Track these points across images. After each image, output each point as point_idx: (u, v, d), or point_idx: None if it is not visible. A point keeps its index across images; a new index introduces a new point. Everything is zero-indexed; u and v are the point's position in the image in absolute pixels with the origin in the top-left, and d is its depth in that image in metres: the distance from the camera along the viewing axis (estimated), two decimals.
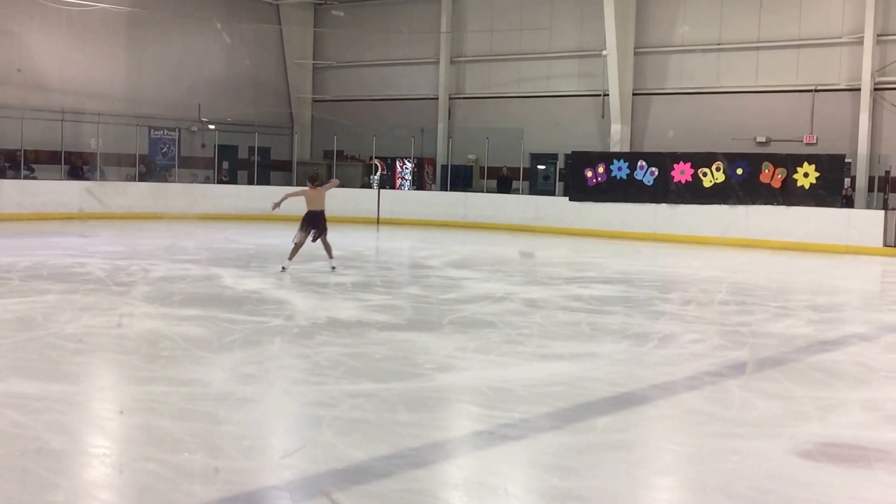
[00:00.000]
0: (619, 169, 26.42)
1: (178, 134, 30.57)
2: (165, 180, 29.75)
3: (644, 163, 26.08)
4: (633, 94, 28.45)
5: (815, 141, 25.60)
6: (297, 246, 15.62)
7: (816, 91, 25.76)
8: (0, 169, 26.42)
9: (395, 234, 25.95)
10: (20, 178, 26.31)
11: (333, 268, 15.76)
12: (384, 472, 5.60)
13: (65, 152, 27.73)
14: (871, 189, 24.61)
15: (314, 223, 15.77)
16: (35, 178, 26.94)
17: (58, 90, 27.96)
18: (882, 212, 23.23)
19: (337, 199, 29.76)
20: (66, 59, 28.49)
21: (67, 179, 27.56)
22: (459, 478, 5.76)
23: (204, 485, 5.28)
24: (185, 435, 6.14)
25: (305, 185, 16.24)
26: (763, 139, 26.35)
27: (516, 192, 29.46)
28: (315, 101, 35.49)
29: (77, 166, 28.27)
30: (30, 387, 7.31)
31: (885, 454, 6.26)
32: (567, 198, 27.55)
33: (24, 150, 26.47)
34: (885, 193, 23.74)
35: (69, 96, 28.16)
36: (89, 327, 10.02)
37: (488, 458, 6.08)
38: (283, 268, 15.42)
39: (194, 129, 31.76)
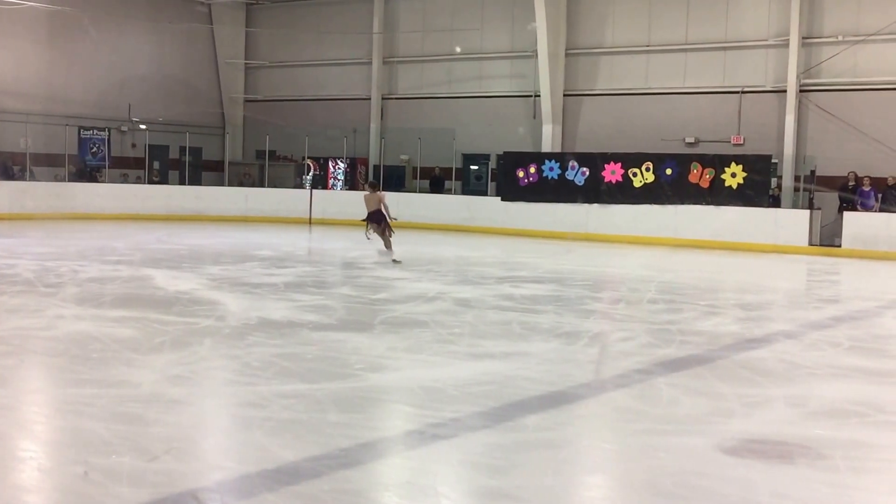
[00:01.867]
0: (551, 169, 26.65)
1: (107, 134, 30.13)
2: (96, 180, 29.33)
3: (575, 163, 26.33)
4: (565, 95, 28.69)
5: (742, 142, 26.05)
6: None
7: (743, 93, 26.22)
8: None
9: (327, 234, 25.89)
10: None
11: (395, 261, 17.53)
12: (315, 472, 5.60)
13: None
14: (796, 189, 25.10)
15: (373, 219, 18.21)
16: None
17: None
18: (807, 211, 23.73)
19: (269, 199, 29.78)
20: None
21: None
22: (391, 478, 5.79)
23: (132, 487, 5.24)
24: (114, 437, 6.09)
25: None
26: (692, 140, 26.75)
27: (449, 192, 29.57)
28: (247, 101, 35.24)
29: (7, 166, 27.74)
30: None
31: (807, 449, 6.41)
32: (499, 198, 27.72)
33: None
34: (810, 193, 24.24)
35: None
36: (17, 329, 9.87)
37: (419, 457, 6.12)
38: (395, 259, 17.57)
39: (124, 128, 31.37)
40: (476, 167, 30.35)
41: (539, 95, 28.59)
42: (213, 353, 9.04)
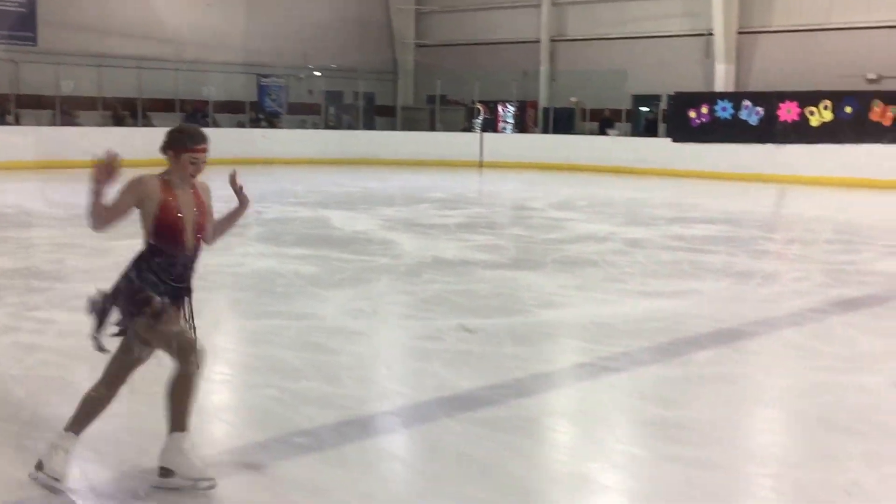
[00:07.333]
0: (724, 109, 26.05)
1: (285, 81, 31.07)
2: (274, 126, 30.31)
3: (749, 102, 25.66)
4: (738, 33, 27.86)
5: None
6: None
7: None
8: (119, 118, 27.22)
9: (497, 176, 26.12)
10: (138, 126, 27.03)
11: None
12: (491, 400, 5.83)
13: (179, 101, 28.40)
14: None
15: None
16: (153, 126, 27.62)
17: (172, 41, 28.55)
18: None
19: (440, 143, 30.14)
20: (181, 10, 29.00)
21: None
22: (565, 406, 6.01)
23: (321, 408, 5.61)
24: (303, 364, 6.49)
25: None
26: (873, 76, 25.63)
27: (618, 134, 29.26)
28: (418, 46, 35.56)
29: (191, 114, 28.95)
30: None
31: None
32: (670, 139, 27.29)
33: (142, 99, 27.21)
34: None
35: (182, 46, 28.74)
36: (209, 266, 10.39)
37: (591, 388, 6.31)
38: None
39: (301, 76, 32.17)
40: (646, 109, 29.90)
41: (712, 34, 27.90)
42: (391, 289, 9.41)
